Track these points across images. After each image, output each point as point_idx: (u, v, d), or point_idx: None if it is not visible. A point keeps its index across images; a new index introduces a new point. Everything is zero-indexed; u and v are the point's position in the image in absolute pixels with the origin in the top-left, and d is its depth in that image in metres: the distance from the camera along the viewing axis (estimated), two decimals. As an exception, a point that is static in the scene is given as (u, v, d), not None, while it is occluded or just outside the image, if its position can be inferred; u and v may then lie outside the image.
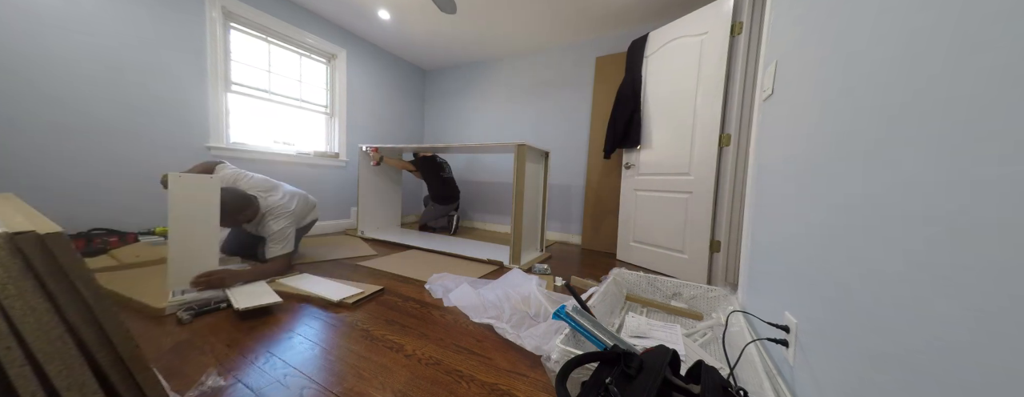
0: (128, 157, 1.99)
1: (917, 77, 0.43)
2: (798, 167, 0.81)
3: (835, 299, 0.59)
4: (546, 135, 3.27)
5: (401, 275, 1.84)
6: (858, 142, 0.55)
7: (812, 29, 0.80)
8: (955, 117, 0.37)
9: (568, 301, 1.14)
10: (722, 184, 1.89)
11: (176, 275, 1.33)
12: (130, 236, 1.94)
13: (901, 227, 0.44)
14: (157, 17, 2.03)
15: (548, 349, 0.89)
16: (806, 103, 0.79)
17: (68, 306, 0.54)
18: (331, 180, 3.14)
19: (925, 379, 0.39)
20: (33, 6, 1.66)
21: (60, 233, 0.55)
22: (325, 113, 3.14)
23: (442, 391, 0.88)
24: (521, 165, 2.10)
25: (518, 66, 3.47)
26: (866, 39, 0.56)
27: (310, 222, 2.17)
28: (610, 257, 2.60)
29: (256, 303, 1.25)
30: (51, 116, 1.74)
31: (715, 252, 1.92)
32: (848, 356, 0.54)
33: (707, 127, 1.94)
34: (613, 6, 2.50)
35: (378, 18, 2.88)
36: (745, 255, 1.27)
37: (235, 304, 1.23)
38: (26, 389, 0.48)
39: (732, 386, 0.64)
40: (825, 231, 0.64)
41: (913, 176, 0.43)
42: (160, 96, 2.08)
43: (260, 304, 1.25)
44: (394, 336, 1.16)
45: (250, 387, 0.86)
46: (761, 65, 1.25)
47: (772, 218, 0.98)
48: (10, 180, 1.64)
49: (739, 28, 1.80)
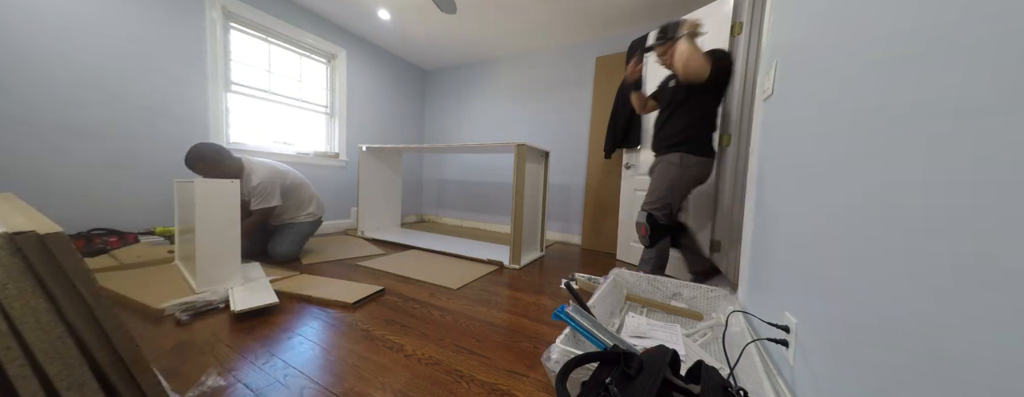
0: (128, 157, 1.99)
1: (917, 77, 0.43)
2: (798, 167, 0.81)
3: (835, 299, 0.59)
4: (546, 135, 3.27)
5: (401, 275, 1.84)
6: (858, 142, 0.55)
7: (812, 29, 0.80)
8: (955, 117, 0.37)
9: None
10: (722, 184, 1.88)
11: (203, 275, 1.37)
12: (130, 236, 1.94)
13: (901, 227, 0.44)
14: (157, 17, 2.03)
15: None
16: (806, 103, 0.79)
17: (68, 306, 0.54)
18: (331, 180, 3.14)
19: (925, 379, 0.39)
20: (34, 5, 1.66)
21: (60, 233, 0.55)
22: (325, 113, 3.14)
23: (442, 391, 0.88)
24: (521, 165, 2.10)
25: (518, 66, 3.47)
26: (866, 39, 0.56)
27: (312, 219, 2.18)
28: (610, 257, 2.59)
29: (253, 305, 1.25)
30: (51, 116, 1.74)
31: (715, 252, 1.92)
32: (848, 356, 0.54)
33: (707, 127, 1.93)
34: (613, 6, 2.50)
35: (378, 18, 2.88)
36: (745, 255, 1.27)
37: (233, 306, 1.23)
38: (26, 389, 0.48)
39: (732, 386, 0.64)
40: (825, 231, 0.64)
41: (913, 176, 0.43)
42: (160, 96, 2.08)
43: (257, 305, 1.25)
44: (394, 336, 1.16)
45: (250, 387, 0.86)
46: (761, 65, 1.25)
47: (772, 218, 0.98)
48: (10, 180, 1.64)
49: (739, 28, 1.80)
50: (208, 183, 1.39)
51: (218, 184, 1.41)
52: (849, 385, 0.53)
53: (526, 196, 2.18)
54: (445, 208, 4.06)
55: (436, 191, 4.13)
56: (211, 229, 1.40)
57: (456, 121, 3.92)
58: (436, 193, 4.13)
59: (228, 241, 1.45)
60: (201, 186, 1.36)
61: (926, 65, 0.42)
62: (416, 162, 4.14)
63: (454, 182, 3.96)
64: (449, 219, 4.02)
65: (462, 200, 3.91)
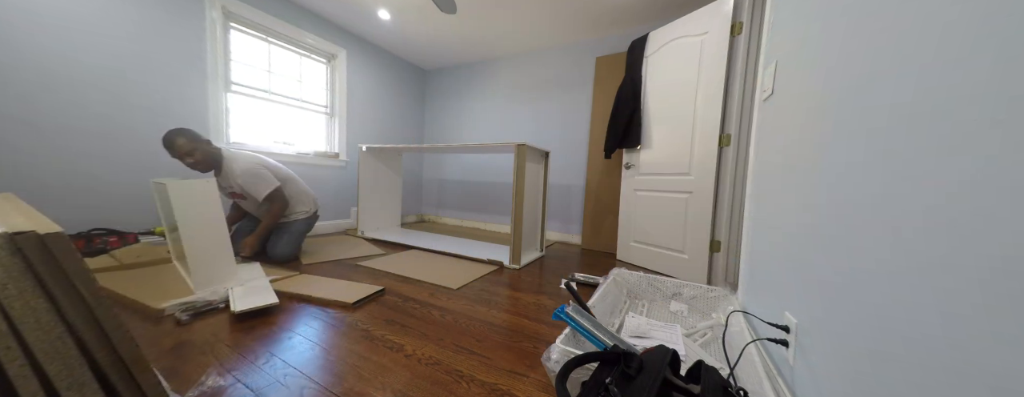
0: (128, 157, 1.99)
1: (918, 77, 0.43)
2: (798, 167, 0.81)
3: (835, 299, 0.59)
4: (546, 135, 3.27)
5: (401, 275, 1.84)
6: (858, 142, 0.55)
7: (812, 29, 0.80)
8: (955, 116, 0.37)
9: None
10: (722, 184, 1.88)
11: (199, 275, 1.38)
12: (130, 236, 1.94)
13: (902, 227, 0.44)
14: (157, 17, 2.03)
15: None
16: (806, 103, 0.79)
17: (68, 306, 0.54)
18: (331, 180, 3.14)
19: (925, 379, 0.39)
20: (34, 5, 1.66)
21: (60, 233, 0.55)
22: (325, 113, 3.14)
23: (442, 391, 0.88)
24: (521, 165, 2.10)
25: (518, 66, 3.47)
26: (866, 39, 0.56)
27: (306, 216, 2.17)
28: (610, 257, 2.59)
29: (254, 305, 1.25)
30: (51, 116, 1.74)
31: (715, 252, 1.92)
32: (848, 356, 0.54)
33: (707, 127, 1.94)
34: (613, 6, 2.50)
35: (378, 18, 2.88)
36: (745, 255, 1.27)
37: (233, 306, 1.23)
38: (26, 389, 0.48)
39: (732, 386, 0.64)
40: (825, 231, 0.64)
41: (913, 175, 0.43)
42: (160, 96, 2.08)
43: (257, 306, 1.25)
44: (394, 336, 1.16)
45: (250, 387, 0.86)
46: (761, 65, 1.25)
47: (772, 218, 0.98)
48: (10, 180, 1.64)
49: (739, 28, 1.80)
50: (182, 185, 1.35)
51: (192, 185, 1.39)
52: (849, 385, 0.53)
53: (526, 196, 2.18)
54: (445, 208, 4.06)
55: (436, 191, 4.13)
56: (194, 230, 1.38)
57: (456, 121, 3.92)
58: (436, 193, 4.13)
59: (215, 240, 1.44)
60: (175, 188, 1.33)
61: (927, 65, 0.42)
62: (416, 162, 4.14)
63: (454, 182, 3.96)
64: (449, 219, 4.02)
65: (462, 200, 3.91)
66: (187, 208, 1.37)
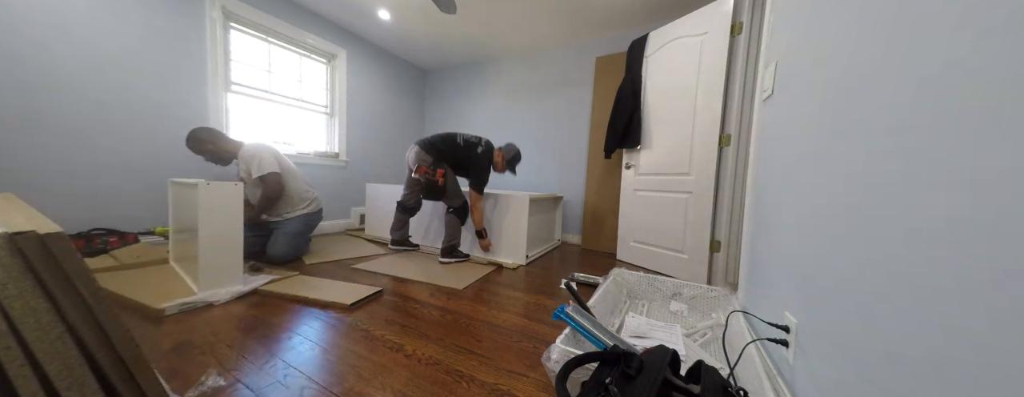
0: (128, 157, 1.99)
1: (917, 77, 0.43)
2: (798, 167, 0.81)
3: (835, 299, 0.59)
4: (546, 135, 3.27)
5: (402, 275, 1.84)
6: (858, 142, 0.55)
7: (812, 29, 0.80)
8: (955, 116, 0.37)
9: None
10: (722, 184, 1.88)
11: (206, 277, 1.38)
12: (130, 236, 1.94)
13: (902, 227, 0.44)
14: (157, 17, 2.03)
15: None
16: (806, 103, 0.79)
17: (68, 306, 0.54)
18: (331, 180, 3.13)
19: (925, 379, 0.39)
20: (33, 5, 1.66)
21: (60, 233, 0.55)
22: (325, 113, 3.14)
23: (442, 391, 0.88)
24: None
25: (518, 66, 3.47)
26: (866, 39, 0.56)
27: (307, 212, 2.15)
28: (610, 257, 2.59)
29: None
30: (51, 116, 1.73)
31: (715, 252, 1.92)
32: (848, 356, 0.54)
33: (707, 127, 1.94)
34: (613, 6, 2.50)
35: (378, 18, 2.88)
36: (745, 255, 1.27)
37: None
38: (26, 389, 0.48)
39: (732, 386, 0.64)
40: (825, 231, 0.64)
41: (913, 176, 0.43)
42: (160, 96, 2.08)
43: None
44: (394, 336, 1.16)
45: (250, 387, 0.86)
46: (761, 65, 1.25)
47: (772, 218, 0.98)
48: (10, 180, 1.64)
49: (739, 28, 1.80)
50: (212, 188, 1.38)
51: (221, 187, 1.41)
52: (849, 385, 0.53)
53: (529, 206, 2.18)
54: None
55: (436, 191, 4.12)
56: (215, 233, 1.40)
57: (456, 121, 3.92)
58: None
59: (231, 244, 1.46)
60: (205, 191, 1.35)
61: (927, 65, 0.42)
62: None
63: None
64: (449, 219, 4.02)
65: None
66: (212, 210, 1.39)
